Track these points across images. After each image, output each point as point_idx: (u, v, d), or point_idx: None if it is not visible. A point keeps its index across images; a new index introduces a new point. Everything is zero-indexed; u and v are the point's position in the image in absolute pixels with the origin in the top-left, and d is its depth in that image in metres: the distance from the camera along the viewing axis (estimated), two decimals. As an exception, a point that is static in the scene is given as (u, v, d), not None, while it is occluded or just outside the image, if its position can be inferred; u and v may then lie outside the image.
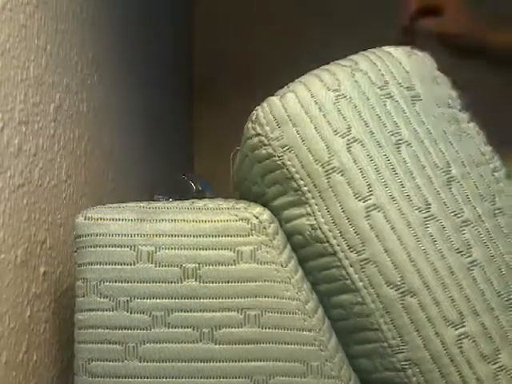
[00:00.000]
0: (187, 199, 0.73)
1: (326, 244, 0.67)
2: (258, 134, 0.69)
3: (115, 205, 0.70)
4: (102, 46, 1.03)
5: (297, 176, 0.67)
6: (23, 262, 0.72)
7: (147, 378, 0.66)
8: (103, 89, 1.02)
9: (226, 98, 1.86)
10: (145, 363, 0.66)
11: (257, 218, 0.67)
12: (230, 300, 0.66)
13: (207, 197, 1.13)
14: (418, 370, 0.66)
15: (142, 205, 0.70)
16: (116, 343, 0.67)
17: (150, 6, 1.41)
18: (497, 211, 0.68)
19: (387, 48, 0.72)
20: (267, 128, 0.68)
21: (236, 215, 0.67)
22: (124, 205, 0.70)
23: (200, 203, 0.70)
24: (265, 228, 0.67)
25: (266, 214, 0.68)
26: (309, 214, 0.68)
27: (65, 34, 0.86)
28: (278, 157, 0.68)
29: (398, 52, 0.71)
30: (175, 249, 0.67)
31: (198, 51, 1.93)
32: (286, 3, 1.90)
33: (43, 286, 0.77)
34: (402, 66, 0.70)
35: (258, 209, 0.68)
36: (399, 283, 0.65)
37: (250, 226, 0.67)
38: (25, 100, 0.73)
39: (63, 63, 0.85)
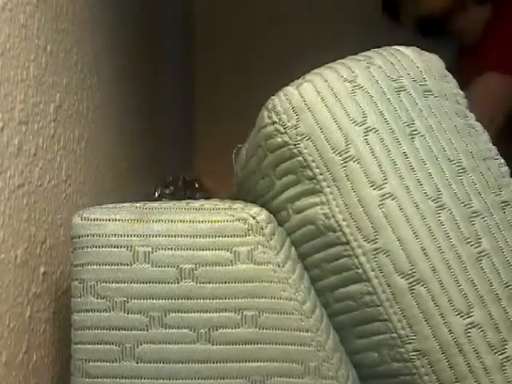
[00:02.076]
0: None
1: (340, 233, 0.67)
2: (274, 123, 0.69)
3: (111, 205, 0.70)
4: (102, 46, 1.03)
5: (313, 164, 0.68)
6: (23, 261, 0.72)
7: (144, 378, 0.66)
8: (103, 89, 1.02)
9: (227, 98, 1.86)
10: (142, 364, 0.66)
11: (254, 218, 0.67)
12: (227, 300, 0.66)
13: None
14: (426, 361, 0.66)
15: (138, 205, 0.70)
16: (113, 344, 0.67)
17: (150, 6, 1.41)
18: (503, 204, 0.69)
19: (398, 47, 0.74)
20: (284, 116, 0.69)
21: (233, 215, 0.67)
22: (120, 205, 0.70)
23: (196, 203, 0.70)
24: (262, 228, 0.67)
25: (263, 215, 0.68)
26: (323, 203, 0.68)
27: (65, 34, 0.86)
28: (295, 145, 0.68)
29: (408, 50, 0.73)
30: (172, 249, 0.67)
31: (199, 51, 1.93)
32: (287, 8, 1.90)
33: (43, 286, 0.77)
34: (413, 62, 0.71)
35: (255, 209, 0.68)
36: (410, 272, 0.65)
37: (246, 226, 0.67)
38: (25, 100, 0.73)
39: (63, 63, 0.86)
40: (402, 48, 0.73)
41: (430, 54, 0.74)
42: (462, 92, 0.73)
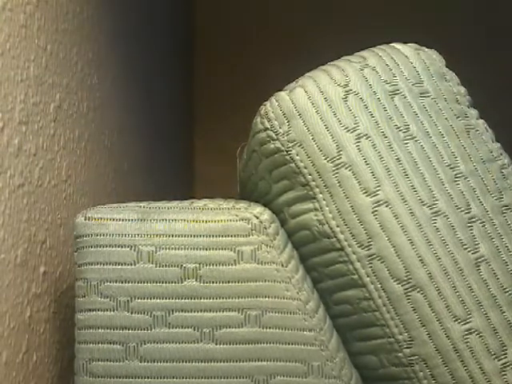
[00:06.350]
0: None
1: (334, 239, 0.67)
2: (266, 129, 0.69)
3: (115, 205, 0.70)
4: (102, 46, 1.03)
5: (305, 171, 0.68)
6: (23, 261, 0.72)
7: (148, 378, 0.66)
8: (103, 89, 1.02)
9: (227, 99, 1.87)
10: (145, 363, 0.66)
11: (257, 218, 0.67)
12: (231, 300, 0.66)
13: None
14: (424, 365, 0.66)
15: (142, 205, 0.70)
16: (116, 343, 0.67)
17: (150, 6, 1.41)
18: (504, 208, 0.68)
19: (395, 44, 0.73)
20: (275, 122, 0.69)
21: (236, 215, 0.67)
22: (124, 205, 0.70)
23: (200, 203, 0.70)
24: (265, 228, 0.67)
25: (266, 214, 0.68)
26: (316, 209, 0.68)
27: (65, 34, 0.86)
28: (286, 151, 0.68)
29: (406, 48, 0.72)
30: (175, 249, 0.67)
31: (199, 50, 1.93)
32: (287, 8, 1.90)
33: (43, 286, 0.77)
34: (410, 62, 0.71)
35: (258, 209, 0.68)
36: (406, 278, 0.65)
37: (250, 226, 0.67)
38: (25, 100, 0.73)
39: (63, 63, 0.85)
40: (399, 45, 0.72)
41: (429, 51, 0.73)
42: (463, 90, 0.72)
